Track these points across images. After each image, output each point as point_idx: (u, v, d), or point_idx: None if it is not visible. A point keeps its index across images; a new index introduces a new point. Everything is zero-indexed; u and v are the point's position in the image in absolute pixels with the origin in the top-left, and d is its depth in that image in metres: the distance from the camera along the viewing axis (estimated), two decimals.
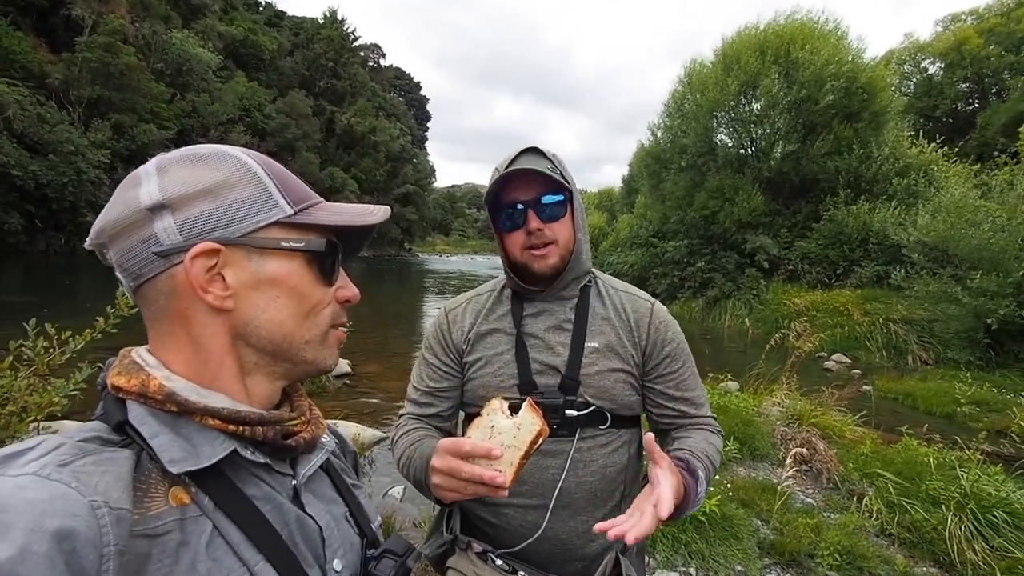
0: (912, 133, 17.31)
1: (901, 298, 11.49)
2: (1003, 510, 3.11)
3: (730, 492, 3.46)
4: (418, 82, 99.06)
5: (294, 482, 0.59)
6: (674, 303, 16.76)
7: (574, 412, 1.08)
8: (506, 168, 1.09)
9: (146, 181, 0.52)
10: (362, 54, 73.96)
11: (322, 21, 61.87)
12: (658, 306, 1.21)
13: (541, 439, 0.79)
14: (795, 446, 4.31)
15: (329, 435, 0.73)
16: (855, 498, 3.71)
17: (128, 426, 0.50)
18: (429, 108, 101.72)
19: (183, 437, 0.50)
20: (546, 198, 1.09)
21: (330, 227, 0.60)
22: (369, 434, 4.48)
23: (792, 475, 3.72)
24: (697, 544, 2.94)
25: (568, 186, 1.11)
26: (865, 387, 7.54)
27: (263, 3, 64.79)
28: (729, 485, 3.52)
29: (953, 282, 9.68)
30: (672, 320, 1.22)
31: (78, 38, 28.22)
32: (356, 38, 64.64)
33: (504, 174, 1.07)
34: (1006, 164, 10.39)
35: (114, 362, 0.55)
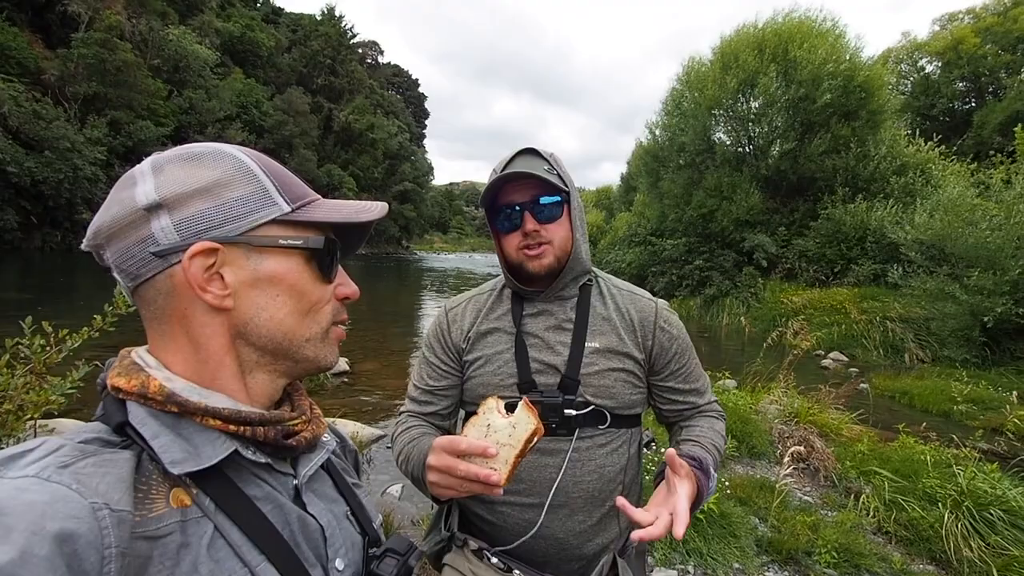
0: (909, 132, 17.36)
1: (898, 296, 11.54)
2: (999, 508, 3.13)
3: (728, 490, 3.47)
4: (416, 79, 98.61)
5: (295, 482, 0.59)
6: (672, 301, 16.76)
7: (573, 411, 1.08)
8: (503, 170, 1.09)
9: (142, 181, 0.52)
10: (360, 51, 73.73)
11: (320, 18, 61.62)
12: (661, 304, 1.21)
13: (536, 438, 0.79)
14: (793, 444, 4.32)
15: (330, 434, 0.73)
16: (852, 496, 3.73)
17: (129, 427, 0.49)
18: (427, 106, 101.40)
19: (184, 438, 0.50)
20: (543, 199, 1.09)
21: (328, 224, 0.60)
22: (367, 432, 4.48)
23: (790, 473, 3.73)
24: (695, 542, 2.95)
25: (565, 187, 1.11)
26: (862, 385, 7.57)
27: (260, 0, 64.48)
28: (727, 483, 3.52)
29: (950, 280, 9.72)
30: (675, 316, 1.23)
31: (74, 34, 28.00)
32: (354, 35, 64.44)
33: (500, 177, 1.07)
34: (1002, 163, 10.42)
35: (114, 363, 0.54)
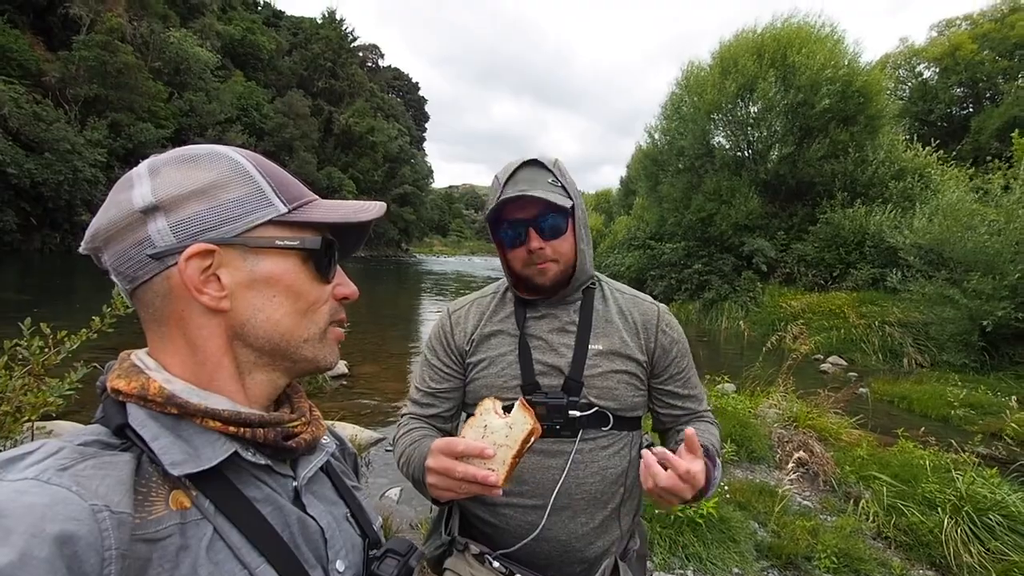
0: (907, 137, 17.40)
1: (897, 301, 11.55)
2: (999, 513, 3.12)
3: (727, 494, 3.46)
4: (416, 83, 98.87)
5: (295, 483, 0.59)
6: (671, 305, 16.74)
7: (577, 413, 1.08)
8: (506, 180, 1.10)
9: (139, 183, 0.52)
10: (360, 54, 73.92)
11: (320, 21, 61.76)
12: (663, 308, 1.23)
13: (533, 438, 0.79)
14: (792, 448, 4.32)
15: (329, 436, 0.73)
16: (852, 501, 3.72)
17: (129, 429, 0.49)
18: (427, 109, 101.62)
19: (184, 440, 0.50)
20: (547, 216, 1.08)
21: (326, 224, 0.60)
22: (366, 435, 4.47)
23: (793, 478, 3.73)
24: (695, 546, 2.94)
25: (570, 199, 1.10)
26: (861, 389, 7.56)
27: (261, 3, 64.61)
28: (726, 487, 3.52)
29: (949, 285, 9.74)
30: (676, 321, 1.24)
31: (75, 36, 28.06)
32: (355, 38, 64.60)
33: (505, 199, 1.07)
34: (999, 169, 10.46)
35: (113, 366, 0.54)
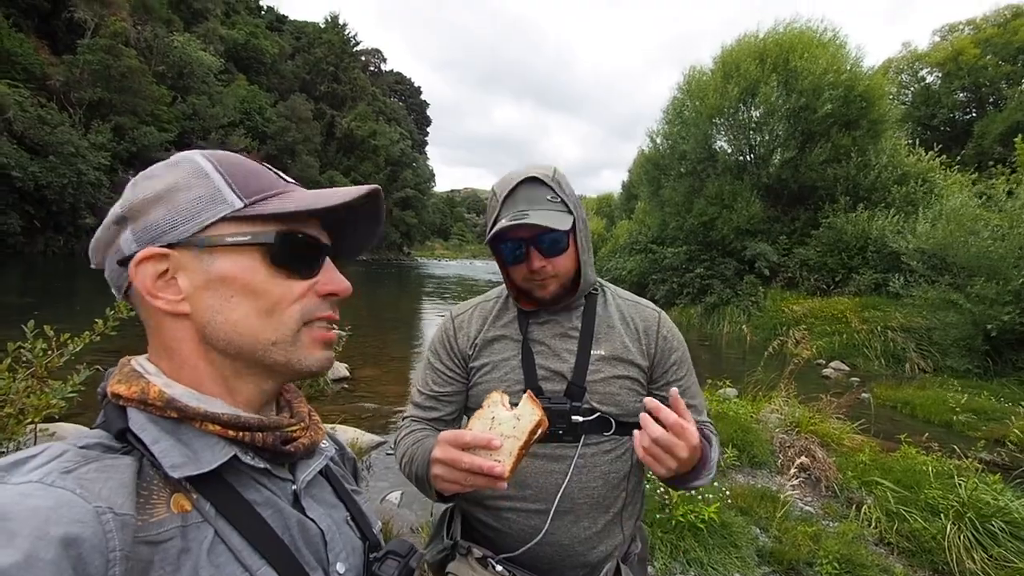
0: (910, 142, 17.42)
1: (899, 306, 11.52)
2: (1002, 519, 3.11)
3: (729, 500, 3.44)
4: (418, 87, 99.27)
5: (294, 487, 0.59)
6: (673, 309, 16.78)
7: (579, 418, 1.09)
8: (505, 196, 1.09)
9: (120, 197, 0.55)
10: (363, 59, 74.23)
11: (323, 26, 62.14)
12: (664, 315, 1.24)
13: (540, 430, 0.80)
14: (794, 453, 4.30)
15: (328, 441, 0.73)
16: (854, 506, 3.71)
17: (130, 433, 0.50)
18: (429, 113, 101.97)
19: (183, 443, 0.50)
20: (547, 235, 1.07)
21: (297, 215, 0.56)
22: (367, 439, 4.46)
23: (795, 484, 3.72)
24: (696, 552, 2.93)
25: (571, 213, 1.09)
26: (864, 395, 7.53)
27: (265, 7, 65.00)
28: (728, 492, 3.50)
29: (952, 290, 9.71)
30: (677, 329, 1.24)
31: (80, 40, 28.21)
32: (357, 43, 64.96)
33: (506, 227, 1.04)
34: (1002, 175, 10.45)
35: (114, 371, 0.55)
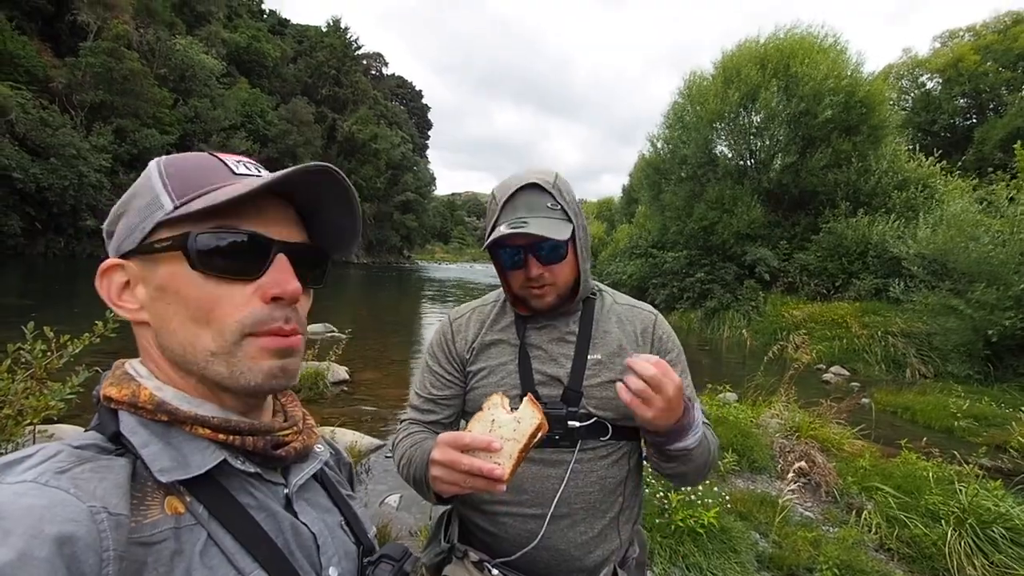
0: (910, 147, 17.43)
1: (900, 311, 11.52)
2: (1003, 525, 3.10)
3: (728, 504, 3.43)
4: (420, 90, 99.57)
5: (286, 491, 0.59)
6: (673, 314, 16.77)
7: (576, 423, 1.08)
8: (504, 201, 1.08)
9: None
10: (364, 62, 74.46)
11: (325, 29, 62.35)
12: (660, 317, 1.24)
13: (541, 433, 0.79)
14: (794, 458, 4.29)
15: (324, 445, 0.72)
16: (854, 512, 3.70)
17: (121, 436, 0.50)
18: (430, 116, 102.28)
19: (173, 447, 0.50)
20: (546, 245, 1.06)
21: (227, 211, 0.51)
22: (366, 442, 4.45)
23: (794, 489, 3.70)
24: (695, 557, 2.92)
25: (570, 221, 1.08)
26: (864, 400, 7.52)
27: (267, 11, 65.27)
28: (727, 497, 3.49)
29: (952, 295, 9.71)
30: (673, 332, 1.24)
31: (82, 43, 28.37)
32: (359, 47, 65.19)
33: (501, 237, 1.04)
34: (1002, 181, 10.46)
35: (108, 374, 0.55)
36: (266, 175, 0.54)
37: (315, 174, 0.53)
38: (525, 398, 0.83)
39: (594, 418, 1.10)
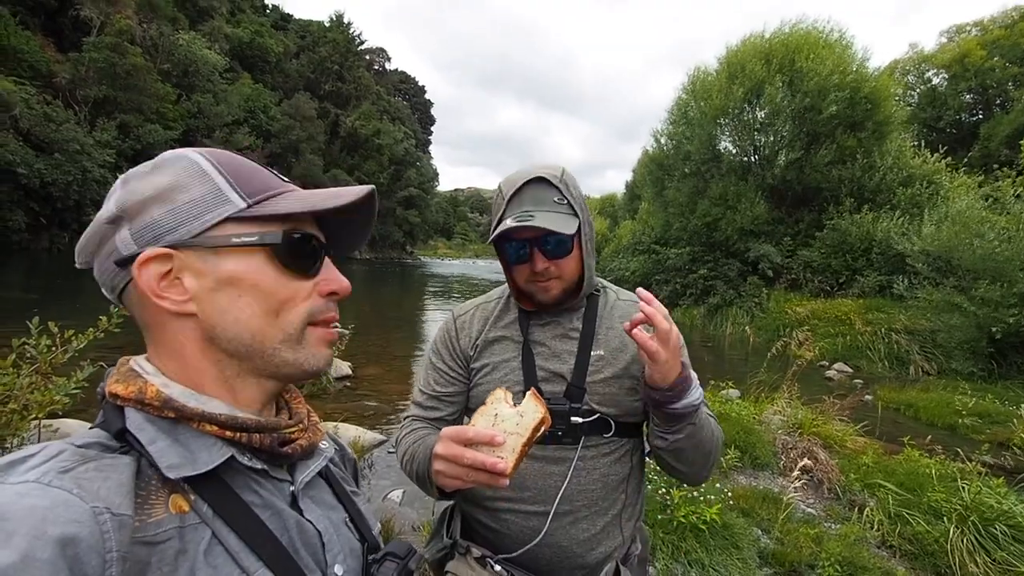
0: (916, 143, 17.30)
1: (903, 308, 11.47)
2: (1005, 523, 3.09)
3: (730, 501, 3.44)
4: (423, 86, 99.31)
5: (292, 488, 0.59)
6: (676, 310, 16.74)
7: (579, 419, 1.08)
8: (510, 197, 1.09)
9: (111, 196, 0.54)
10: (367, 58, 74.33)
11: (328, 24, 62.21)
12: None
13: (544, 427, 0.79)
14: (796, 455, 4.29)
15: (328, 441, 0.73)
16: (856, 509, 3.69)
17: (127, 433, 0.50)
18: (433, 112, 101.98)
19: (180, 443, 0.50)
20: (552, 239, 1.06)
21: (300, 216, 0.57)
22: (369, 437, 4.47)
23: (797, 485, 3.70)
24: (697, 553, 2.92)
25: (576, 216, 1.08)
26: (867, 397, 7.51)
27: (270, 6, 65.15)
28: (730, 494, 3.50)
29: (956, 292, 9.67)
30: (675, 326, 1.22)
31: (86, 38, 28.38)
32: (362, 42, 65.03)
33: (508, 229, 1.04)
34: (1008, 177, 10.39)
35: (113, 371, 0.55)
36: (319, 191, 0.61)
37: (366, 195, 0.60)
38: (528, 392, 0.83)
39: (597, 414, 1.10)
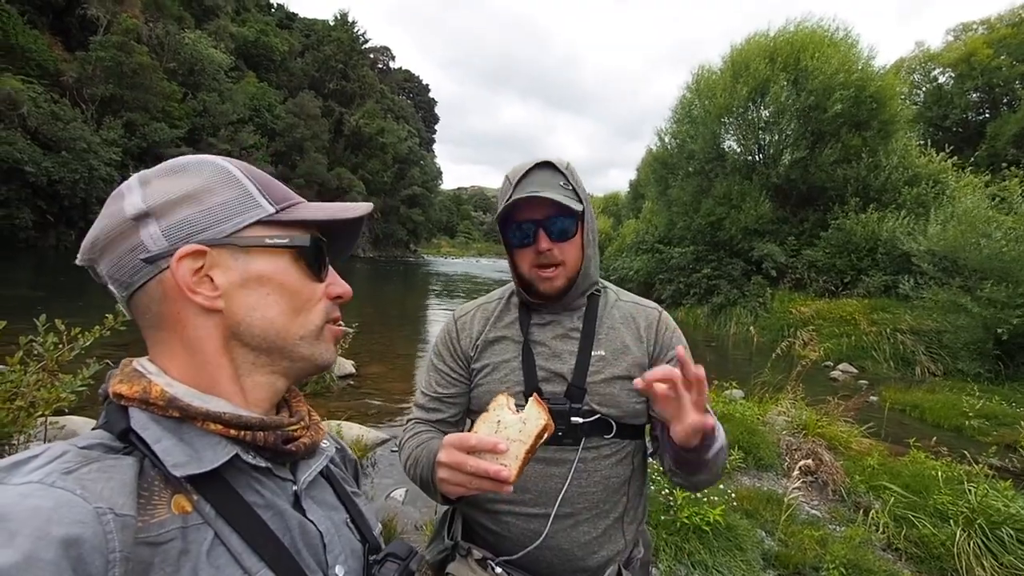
0: (921, 142, 17.18)
1: (909, 308, 11.40)
2: (1012, 526, 3.07)
3: (734, 502, 3.43)
4: (427, 84, 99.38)
5: (295, 487, 0.59)
6: (679, 309, 16.71)
7: (579, 419, 1.08)
8: (517, 182, 1.09)
9: (129, 194, 0.54)
10: (372, 56, 74.37)
11: (333, 23, 62.22)
12: (665, 313, 1.23)
13: (547, 433, 0.79)
14: (801, 456, 4.27)
15: (329, 441, 0.73)
16: (861, 511, 3.67)
17: (131, 433, 0.50)
18: (436, 111, 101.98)
19: (185, 442, 0.50)
20: (557, 219, 1.08)
21: (314, 224, 0.62)
22: (372, 435, 4.48)
23: (798, 486, 3.69)
24: (700, 554, 2.91)
25: (581, 203, 1.10)
26: (872, 398, 7.47)
27: (275, 5, 65.27)
28: (733, 495, 3.49)
29: (962, 292, 9.60)
30: (677, 328, 1.23)
31: (93, 37, 28.51)
32: (366, 40, 64.99)
33: (516, 200, 1.06)
34: (1015, 177, 10.32)
35: (115, 372, 0.55)
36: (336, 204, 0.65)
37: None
38: (531, 398, 0.82)
39: (597, 415, 1.09)
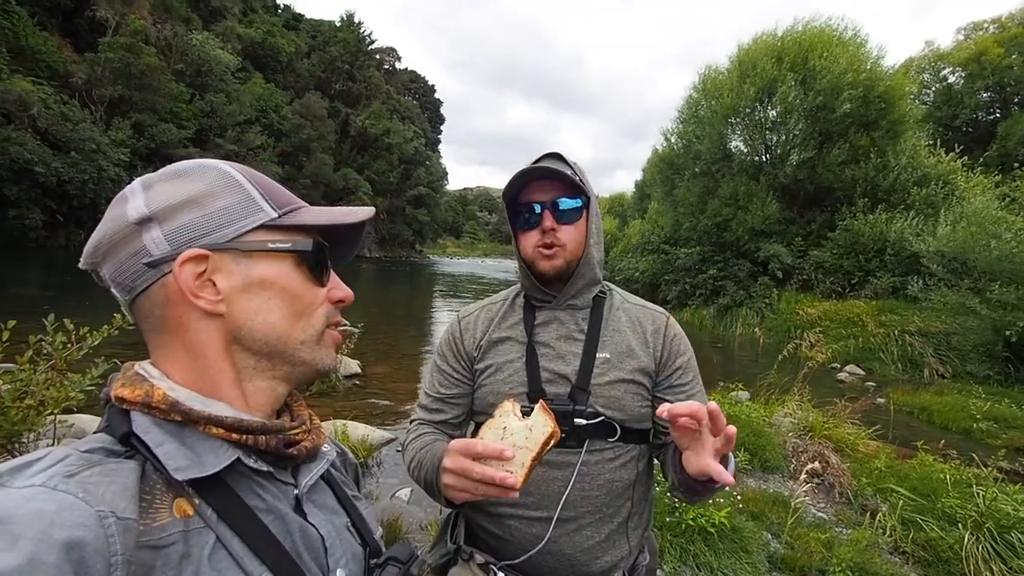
0: (931, 142, 17.03)
1: (917, 310, 11.31)
2: (1021, 531, 3.03)
3: (740, 504, 3.41)
4: (432, 85, 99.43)
5: (296, 491, 0.59)
6: (685, 310, 16.64)
7: (582, 421, 1.07)
8: (528, 167, 1.13)
9: (132, 198, 0.54)
10: (378, 57, 74.54)
11: (339, 24, 62.43)
12: (672, 319, 1.23)
13: (553, 441, 0.78)
14: (807, 459, 4.25)
15: (330, 445, 0.73)
16: (868, 514, 3.65)
17: (133, 437, 0.50)
18: (442, 111, 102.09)
19: (187, 446, 0.51)
20: (563, 201, 1.11)
21: (316, 228, 0.61)
22: (378, 435, 4.48)
23: (806, 489, 3.66)
24: (706, 556, 2.90)
25: (586, 192, 1.13)
26: (879, 400, 7.41)
27: (281, 6, 65.56)
28: (739, 497, 3.47)
29: (971, 294, 9.51)
30: (684, 335, 1.23)
31: (101, 38, 28.79)
32: (372, 41, 65.16)
33: (527, 170, 1.10)
34: None
35: (117, 376, 0.55)
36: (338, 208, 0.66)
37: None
38: (537, 405, 0.82)
39: (601, 417, 1.08)
